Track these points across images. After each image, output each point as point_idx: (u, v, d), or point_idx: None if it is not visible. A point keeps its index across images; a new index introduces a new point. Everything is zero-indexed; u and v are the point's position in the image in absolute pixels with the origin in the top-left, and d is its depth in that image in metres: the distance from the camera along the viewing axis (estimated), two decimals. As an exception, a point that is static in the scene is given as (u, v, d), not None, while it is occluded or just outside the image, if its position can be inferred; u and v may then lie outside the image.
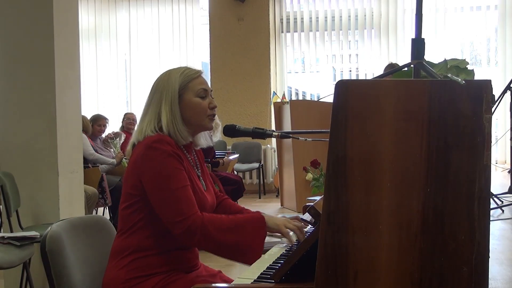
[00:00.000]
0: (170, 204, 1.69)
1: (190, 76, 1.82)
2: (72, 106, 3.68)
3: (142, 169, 1.73)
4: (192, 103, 1.81)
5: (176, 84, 1.80)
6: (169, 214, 1.70)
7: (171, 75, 1.83)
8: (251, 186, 8.12)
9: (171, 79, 1.82)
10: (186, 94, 1.81)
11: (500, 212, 5.18)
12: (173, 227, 1.69)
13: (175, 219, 1.68)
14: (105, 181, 5.45)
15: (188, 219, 1.68)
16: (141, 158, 1.74)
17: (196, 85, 1.82)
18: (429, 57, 1.64)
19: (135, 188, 1.75)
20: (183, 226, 1.67)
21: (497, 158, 7.84)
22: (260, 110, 8.31)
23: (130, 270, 1.72)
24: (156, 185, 1.71)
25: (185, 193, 1.71)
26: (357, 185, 1.22)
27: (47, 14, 3.47)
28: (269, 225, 1.73)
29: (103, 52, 9.11)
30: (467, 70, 1.76)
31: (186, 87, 1.81)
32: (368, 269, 1.22)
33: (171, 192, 1.69)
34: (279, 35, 8.50)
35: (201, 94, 1.82)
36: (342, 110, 1.22)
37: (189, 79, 1.82)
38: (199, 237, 1.68)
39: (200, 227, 1.68)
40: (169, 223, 1.70)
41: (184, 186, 1.72)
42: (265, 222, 1.73)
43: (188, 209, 1.69)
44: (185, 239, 1.71)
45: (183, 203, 1.69)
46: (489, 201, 1.23)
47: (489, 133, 1.20)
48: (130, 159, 1.82)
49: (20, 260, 2.87)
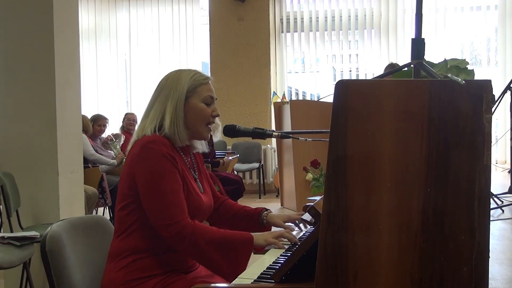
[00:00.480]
0: (160, 207, 1.69)
1: (199, 81, 1.83)
2: (72, 106, 3.68)
3: (136, 169, 1.74)
4: (197, 107, 1.82)
5: (185, 85, 1.81)
6: (158, 216, 1.70)
7: (182, 76, 1.83)
8: (251, 186, 8.12)
9: (181, 80, 1.82)
10: (192, 97, 1.81)
11: (500, 212, 5.18)
12: (161, 230, 1.70)
13: (164, 222, 1.69)
14: (105, 181, 5.45)
15: (178, 224, 1.68)
16: (136, 158, 1.74)
17: (204, 91, 1.83)
18: (429, 57, 1.64)
19: (130, 189, 1.76)
20: (172, 230, 1.68)
21: (497, 158, 7.84)
22: (260, 110, 8.31)
23: (128, 272, 1.72)
24: (147, 185, 1.71)
25: (176, 197, 1.71)
26: (357, 185, 1.22)
27: (47, 14, 3.47)
28: (258, 244, 1.73)
29: (103, 52, 9.11)
30: (467, 70, 1.76)
31: (194, 91, 1.82)
32: (368, 269, 1.22)
33: (162, 195, 1.70)
34: (279, 35, 8.50)
35: (207, 101, 1.83)
36: (342, 110, 1.22)
37: (198, 84, 1.83)
38: (187, 244, 1.69)
39: (190, 234, 1.68)
40: (157, 225, 1.70)
41: (175, 190, 1.72)
42: (253, 242, 1.73)
43: (179, 214, 1.70)
44: (174, 243, 1.72)
45: (173, 207, 1.70)
46: (489, 201, 1.23)
47: (489, 133, 1.20)
48: (126, 159, 1.83)
49: (20, 260, 2.87)
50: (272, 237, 1.75)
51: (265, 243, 1.74)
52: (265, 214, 1.97)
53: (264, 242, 1.74)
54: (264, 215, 1.97)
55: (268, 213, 1.98)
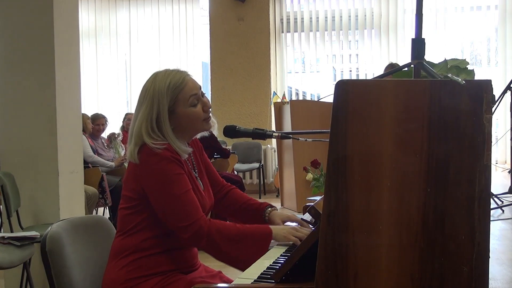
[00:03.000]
0: (176, 210, 1.69)
1: (177, 87, 1.74)
2: (72, 106, 3.68)
3: (143, 175, 1.73)
4: (186, 114, 1.76)
5: (164, 101, 1.72)
6: (175, 219, 1.70)
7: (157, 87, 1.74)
8: (251, 186, 8.12)
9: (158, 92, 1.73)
10: (178, 106, 1.75)
11: (500, 212, 5.18)
12: (181, 232, 1.70)
13: (182, 224, 1.69)
14: (105, 181, 5.45)
15: (195, 224, 1.68)
16: (141, 164, 1.73)
17: (186, 95, 1.75)
18: (429, 57, 1.64)
19: (134, 192, 1.75)
20: (191, 230, 1.68)
21: (497, 158, 7.84)
22: (260, 110, 8.31)
23: (129, 271, 1.72)
24: (159, 191, 1.71)
25: (189, 198, 1.71)
26: (357, 185, 1.22)
27: (47, 14, 3.47)
28: (277, 239, 1.73)
29: (103, 52, 9.11)
30: (467, 70, 1.76)
31: (176, 100, 1.74)
32: (368, 269, 1.22)
33: (176, 198, 1.69)
34: (279, 35, 8.50)
35: (194, 102, 1.76)
36: (342, 110, 1.22)
37: (178, 91, 1.74)
38: (205, 242, 1.70)
39: (206, 232, 1.69)
40: (176, 227, 1.71)
41: (188, 191, 1.72)
42: (272, 236, 1.72)
43: (194, 213, 1.70)
44: (192, 243, 1.73)
45: (188, 207, 1.70)
46: (489, 201, 1.23)
47: (489, 133, 1.20)
48: (128, 164, 1.81)
49: (20, 260, 2.87)
50: (293, 235, 1.72)
51: (285, 239, 1.72)
52: (268, 211, 1.94)
53: (284, 238, 1.72)
54: (267, 212, 1.94)
55: (272, 210, 1.95)
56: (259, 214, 1.96)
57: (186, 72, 1.79)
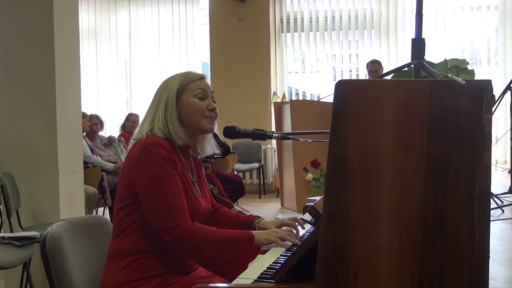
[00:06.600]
0: (162, 210, 1.69)
1: (190, 78, 1.84)
2: (72, 106, 3.68)
3: (135, 171, 1.72)
4: (189, 103, 1.81)
5: (175, 86, 1.82)
6: (160, 219, 1.69)
7: (172, 78, 1.86)
8: (252, 186, 8.12)
9: (171, 81, 1.84)
10: (184, 95, 1.82)
11: (500, 212, 5.18)
12: (163, 233, 1.69)
13: (166, 225, 1.68)
14: (105, 181, 5.45)
15: (180, 227, 1.68)
16: (135, 159, 1.73)
17: (195, 87, 1.83)
18: (429, 57, 1.64)
19: (128, 190, 1.75)
20: (174, 232, 1.67)
21: (497, 158, 7.84)
22: (260, 110, 8.31)
23: (127, 273, 1.71)
24: (148, 188, 1.70)
25: (177, 200, 1.70)
26: (357, 185, 1.22)
27: (47, 14, 3.47)
28: (259, 242, 1.73)
29: (103, 52, 9.11)
30: (467, 70, 1.76)
31: (185, 88, 1.82)
32: (368, 269, 1.22)
33: (163, 197, 1.69)
34: (279, 35, 8.50)
35: (199, 95, 1.82)
36: (342, 110, 1.22)
37: (189, 81, 1.83)
38: (188, 246, 1.68)
39: (190, 236, 1.68)
40: (159, 228, 1.70)
41: (178, 193, 1.71)
42: (254, 241, 1.72)
43: (180, 216, 1.69)
44: (175, 246, 1.71)
45: (175, 209, 1.69)
46: (489, 201, 1.23)
47: (489, 133, 1.20)
48: (125, 160, 1.82)
49: (20, 260, 2.87)
50: (274, 236, 1.74)
51: (267, 241, 1.74)
52: (257, 222, 1.97)
53: (265, 240, 1.74)
54: (256, 222, 1.97)
55: (260, 220, 1.98)
56: (247, 225, 1.97)
57: (203, 75, 1.89)
